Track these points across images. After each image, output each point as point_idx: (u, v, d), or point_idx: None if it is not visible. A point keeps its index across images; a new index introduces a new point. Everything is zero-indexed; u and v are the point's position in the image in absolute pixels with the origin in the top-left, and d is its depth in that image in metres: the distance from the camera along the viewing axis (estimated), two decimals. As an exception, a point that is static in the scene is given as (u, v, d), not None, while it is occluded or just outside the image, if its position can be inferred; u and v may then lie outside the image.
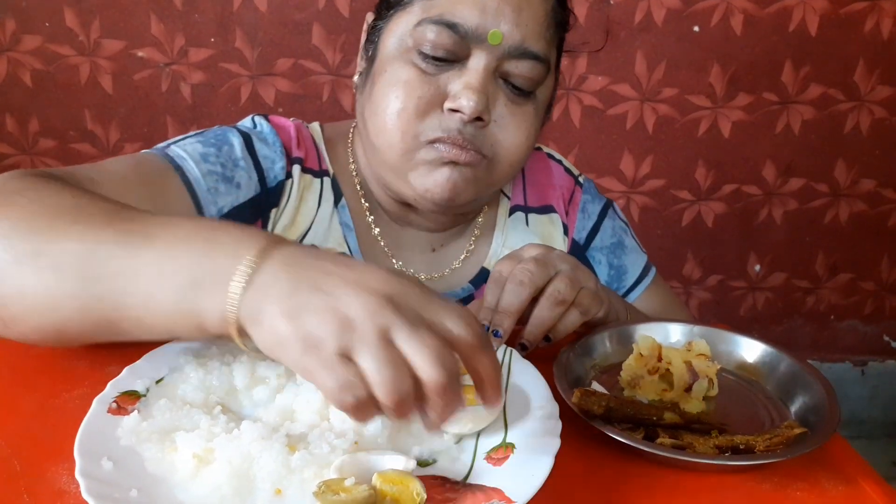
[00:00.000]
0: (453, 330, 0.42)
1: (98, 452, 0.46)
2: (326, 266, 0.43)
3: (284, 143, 0.78)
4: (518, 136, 0.71)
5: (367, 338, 0.40)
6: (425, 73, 0.68)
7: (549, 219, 0.88)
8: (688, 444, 0.53)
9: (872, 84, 1.79)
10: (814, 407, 0.59)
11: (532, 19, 0.67)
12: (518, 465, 0.48)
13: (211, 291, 0.44)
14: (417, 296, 0.43)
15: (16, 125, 1.71)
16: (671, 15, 1.70)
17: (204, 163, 0.71)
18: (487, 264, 0.85)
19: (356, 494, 0.43)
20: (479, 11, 0.66)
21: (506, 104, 0.70)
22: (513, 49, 0.67)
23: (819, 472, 0.53)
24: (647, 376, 0.62)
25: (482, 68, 0.67)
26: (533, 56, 0.68)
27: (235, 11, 1.64)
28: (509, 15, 0.66)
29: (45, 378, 0.59)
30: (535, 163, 0.90)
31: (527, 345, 0.63)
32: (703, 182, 1.88)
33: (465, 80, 0.67)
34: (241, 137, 0.75)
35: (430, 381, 0.40)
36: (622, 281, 0.90)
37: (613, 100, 1.78)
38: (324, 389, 0.41)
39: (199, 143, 0.73)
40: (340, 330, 0.40)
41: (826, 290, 2.04)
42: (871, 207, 1.94)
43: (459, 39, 0.66)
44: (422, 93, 0.67)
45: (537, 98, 0.72)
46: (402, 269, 0.82)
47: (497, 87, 0.69)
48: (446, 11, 0.66)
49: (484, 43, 0.66)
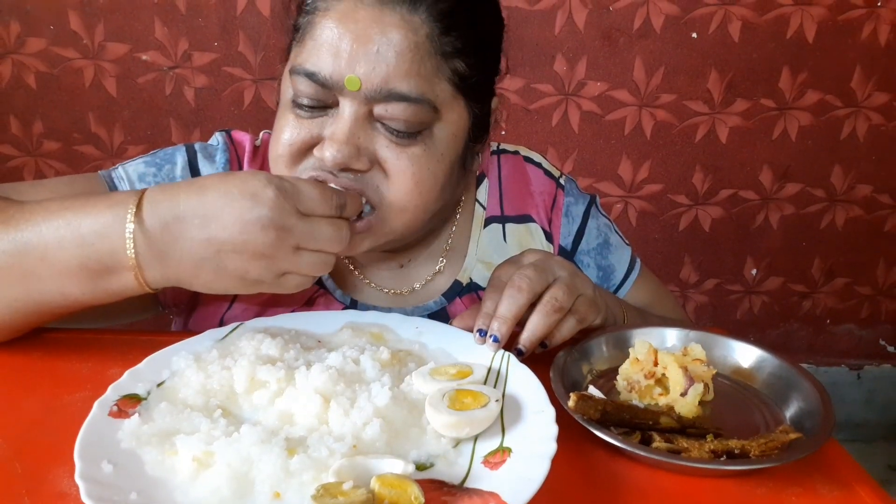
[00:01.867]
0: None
1: (98, 455, 0.46)
2: (183, 211, 0.57)
3: (238, 158, 0.79)
4: (403, 181, 0.65)
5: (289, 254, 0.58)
6: (301, 118, 0.66)
7: (526, 228, 0.85)
8: (683, 449, 0.54)
9: (869, 90, 1.80)
10: (809, 412, 0.60)
11: (395, 57, 0.62)
12: (515, 469, 0.48)
13: (113, 275, 0.58)
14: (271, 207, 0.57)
15: (20, 127, 1.72)
16: (669, 21, 1.71)
17: (139, 182, 0.76)
18: (461, 277, 0.82)
19: (354, 498, 0.43)
20: (333, 57, 0.63)
21: (388, 146, 0.65)
22: (375, 93, 0.63)
23: (814, 476, 0.54)
24: (643, 381, 0.62)
25: (348, 116, 0.64)
26: (400, 97, 0.63)
27: (239, 16, 1.65)
28: (363, 58, 0.62)
29: (47, 381, 0.60)
30: (511, 169, 0.87)
31: (523, 350, 0.64)
32: (701, 187, 1.89)
33: (332, 129, 0.65)
34: (187, 156, 0.79)
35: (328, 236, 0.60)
36: (611, 280, 0.90)
37: (612, 105, 1.79)
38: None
39: (143, 164, 0.78)
40: (262, 273, 0.58)
41: (822, 295, 2.04)
42: (867, 212, 1.94)
43: (321, 88, 0.64)
44: (294, 138, 0.66)
45: (433, 136, 0.66)
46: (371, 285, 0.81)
47: (373, 132, 0.65)
48: (306, 60, 0.65)
49: (344, 90, 0.63)
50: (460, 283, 0.83)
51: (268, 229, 0.56)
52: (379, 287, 0.81)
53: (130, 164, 0.78)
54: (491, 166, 0.87)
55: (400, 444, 0.51)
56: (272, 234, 0.56)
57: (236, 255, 0.57)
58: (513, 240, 0.85)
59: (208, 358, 0.59)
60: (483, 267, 0.83)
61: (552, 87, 1.76)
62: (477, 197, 0.85)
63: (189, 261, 0.57)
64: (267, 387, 0.55)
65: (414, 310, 0.81)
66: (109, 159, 1.75)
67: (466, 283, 0.83)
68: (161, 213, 0.57)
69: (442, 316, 0.81)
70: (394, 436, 0.52)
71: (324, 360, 0.59)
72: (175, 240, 0.57)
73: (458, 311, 0.80)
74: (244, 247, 0.57)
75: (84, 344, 0.65)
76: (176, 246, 0.57)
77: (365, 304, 0.80)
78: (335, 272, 0.80)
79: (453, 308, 0.82)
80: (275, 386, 0.55)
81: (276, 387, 0.55)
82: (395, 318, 0.70)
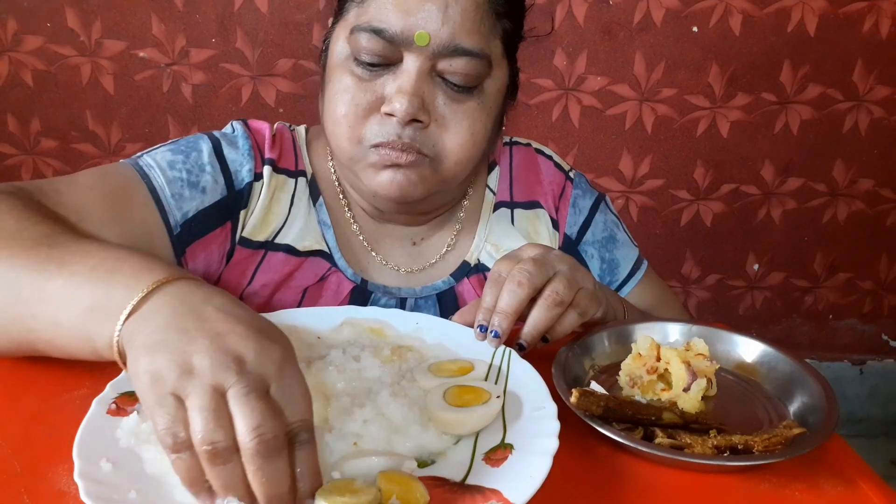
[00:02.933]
0: (287, 409, 0.42)
1: (97, 454, 0.46)
2: (206, 311, 0.45)
3: (258, 145, 0.80)
4: (461, 133, 0.71)
5: (201, 388, 0.41)
6: (362, 79, 0.69)
7: (534, 214, 0.88)
8: (686, 445, 0.53)
9: (871, 84, 1.79)
10: (812, 407, 0.59)
11: (460, 15, 0.67)
12: (516, 466, 0.48)
13: (104, 319, 0.48)
14: (271, 364, 0.43)
15: (17, 125, 1.71)
16: (670, 15, 1.70)
17: (170, 170, 0.74)
18: (469, 258, 0.85)
19: (362, 496, 0.43)
20: (403, 14, 0.66)
21: (446, 102, 0.70)
22: (443, 48, 0.67)
23: (818, 472, 0.53)
24: (645, 376, 0.62)
25: (414, 71, 0.68)
26: (465, 52, 0.68)
27: (236, 12, 1.64)
28: (434, 14, 0.66)
29: (45, 379, 0.59)
30: (523, 159, 0.90)
31: (524, 345, 0.63)
32: (702, 182, 1.88)
33: (398, 83, 0.68)
34: (211, 143, 0.78)
35: (244, 444, 0.40)
36: (614, 274, 0.90)
37: (612, 100, 1.78)
38: (154, 424, 0.42)
39: (169, 152, 0.76)
40: (180, 374, 0.41)
41: (824, 290, 2.04)
42: (869, 207, 1.94)
43: (388, 44, 0.67)
44: (359, 100, 0.69)
45: (484, 91, 0.71)
46: (383, 263, 0.83)
47: (435, 87, 0.69)
48: (373, 18, 0.67)
49: (413, 45, 0.67)
50: (468, 264, 0.85)
51: (232, 363, 0.42)
52: (391, 265, 0.83)
53: (155, 152, 0.76)
54: (503, 156, 0.90)
55: (401, 441, 0.51)
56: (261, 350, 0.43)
57: (207, 337, 0.43)
58: (521, 224, 0.87)
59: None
60: (491, 248, 0.85)
61: (552, 81, 1.75)
62: (487, 183, 0.88)
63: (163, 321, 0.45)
64: None
65: (423, 289, 0.83)
66: (107, 157, 1.75)
67: (474, 263, 0.85)
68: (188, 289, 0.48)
69: (450, 296, 0.84)
70: (394, 433, 0.51)
71: (324, 357, 0.58)
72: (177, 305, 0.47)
73: (466, 291, 0.84)
74: (225, 332, 0.44)
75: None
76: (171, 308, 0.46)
77: (375, 284, 0.82)
78: (347, 249, 0.82)
79: (461, 288, 0.84)
80: None
81: None
82: (395, 313, 0.69)
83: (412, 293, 0.83)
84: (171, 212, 0.73)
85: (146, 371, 0.42)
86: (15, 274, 0.53)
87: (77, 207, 0.66)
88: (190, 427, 0.41)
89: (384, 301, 0.82)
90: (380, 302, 0.82)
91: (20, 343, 0.55)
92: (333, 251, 0.81)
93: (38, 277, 0.52)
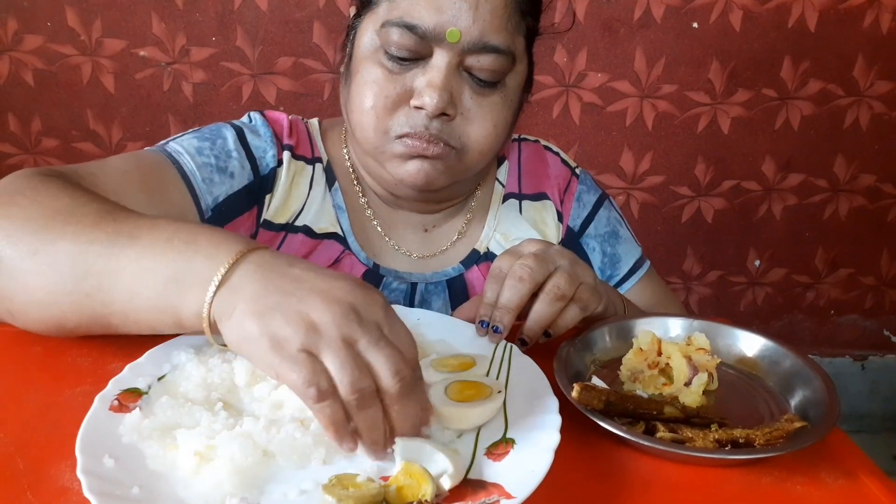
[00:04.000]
0: (405, 351, 0.46)
1: (100, 450, 0.46)
2: (296, 272, 0.48)
3: (276, 133, 0.82)
4: (485, 126, 0.73)
5: (333, 341, 0.44)
6: (392, 72, 0.71)
7: (542, 205, 0.90)
8: (687, 439, 0.53)
9: (872, 79, 1.79)
10: (814, 401, 0.59)
11: (490, 13, 0.68)
12: (518, 461, 0.48)
13: (188, 290, 0.49)
14: (379, 310, 0.47)
15: (18, 124, 1.72)
16: (670, 11, 1.70)
17: (199, 156, 0.76)
18: (479, 246, 0.87)
19: (365, 490, 0.43)
20: (435, 11, 0.68)
21: (472, 96, 0.72)
22: (472, 45, 0.69)
23: (819, 465, 0.53)
24: (646, 371, 0.62)
25: (444, 66, 0.69)
26: (493, 49, 0.70)
27: (236, 10, 1.64)
28: (466, 12, 0.68)
29: (48, 375, 0.59)
30: (531, 154, 0.92)
31: (526, 340, 0.64)
32: (703, 178, 1.88)
33: (428, 78, 0.70)
34: (234, 131, 0.80)
35: (390, 387, 0.45)
36: (616, 269, 0.91)
37: (613, 96, 1.78)
38: (289, 382, 0.44)
39: (194, 139, 0.78)
40: (306, 332, 0.44)
41: (826, 285, 2.04)
42: (870, 202, 1.94)
43: (420, 40, 0.69)
44: (388, 92, 0.71)
45: (506, 86, 0.74)
46: (395, 248, 0.85)
47: (462, 81, 0.71)
48: (405, 13, 0.69)
49: (444, 41, 0.68)
50: (478, 252, 0.87)
51: (351, 314, 0.45)
52: (403, 251, 0.85)
53: (181, 139, 0.78)
54: (512, 151, 0.92)
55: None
56: (367, 299, 0.47)
57: (314, 294, 0.46)
58: (528, 214, 0.90)
59: (209, 351, 0.58)
60: (500, 237, 0.88)
61: (552, 78, 1.75)
62: (497, 176, 0.91)
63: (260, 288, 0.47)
64: (268, 379, 0.55)
65: (433, 274, 0.85)
66: (108, 156, 1.74)
67: (484, 251, 0.87)
68: (269, 257, 0.50)
69: (459, 282, 0.86)
70: (396, 428, 0.51)
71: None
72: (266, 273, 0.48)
73: (475, 279, 0.86)
74: (328, 288, 0.46)
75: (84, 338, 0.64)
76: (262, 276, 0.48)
77: (387, 268, 0.84)
78: (361, 233, 0.84)
79: (470, 275, 0.86)
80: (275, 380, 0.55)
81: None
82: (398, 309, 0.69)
83: (423, 278, 0.85)
84: (202, 196, 0.75)
85: (262, 335, 0.44)
86: (82, 248, 0.52)
87: (115, 190, 0.67)
88: (334, 379, 0.44)
89: (395, 285, 0.84)
90: (391, 286, 0.84)
91: (93, 318, 0.54)
92: (347, 234, 0.83)
93: (109, 251, 0.52)
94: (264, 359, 0.44)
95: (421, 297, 0.85)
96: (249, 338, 0.45)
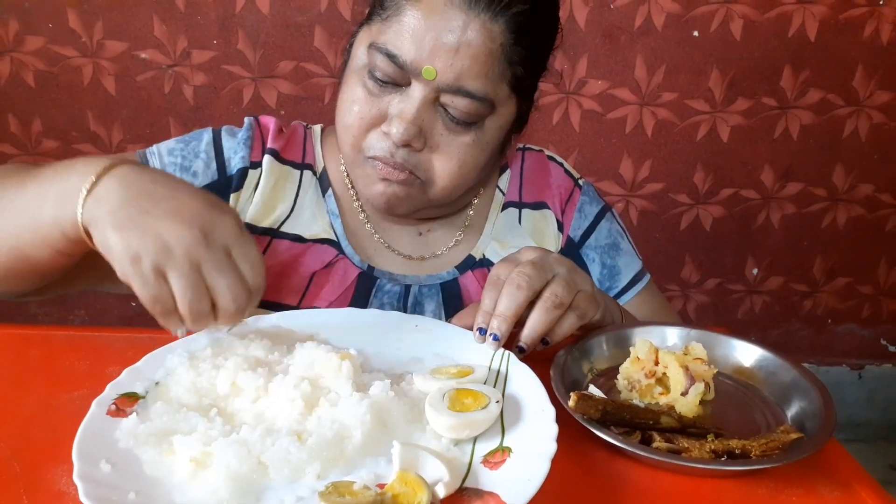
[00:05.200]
0: (244, 271, 0.54)
1: (96, 455, 0.46)
2: (157, 190, 0.55)
3: (261, 136, 0.84)
4: (450, 164, 0.74)
5: (179, 264, 0.52)
6: (372, 94, 0.73)
7: (541, 215, 0.90)
8: (684, 449, 0.53)
9: (871, 89, 1.80)
10: (810, 411, 0.59)
11: (469, 60, 0.69)
12: (515, 469, 0.48)
13: (65, 203, 0.56)
14: (228, 230, 0.54)
15: (19, 126, 1.72)
16: (671, 19, 1.71)
17: (168, 156, 0.81)
18: (475, 252, 0.87)
19: (361, 498, 0.43)
20: (416, 46, 0.69)
21: (443, 132, 0.73)
22: (447, 86, 0.70)
23: (815, 477, 0.54)
24: (643, 380, 0.62)
25: (418, 99, 0.71)
26: (468, 94, 0.70)
27: (237, 14, 1.64)
28: (445, 53, 0.68)
29: (45, 379, 0.59)
30: (534, 163, 0.93)
31: (524, 348, 0.64)
32: (702, 186, 1.88)
33: (401, 108, 0.72)
34: (212, 134, 0.84)
35: (223, 308, 0.53)
36: (615, 281, 0.91)
37: (613, 104, 1.78)
38: (140, 295, 0.52)
39: (174, 141, 0.83)
40: (158, 251, 0.52)
41: (824, 294, 2.04)
42: (868, 212, 1.94)
43: (399, 69, 0.70)
44: (365, 113, 0.73)
45: (483, 128, 0.74)
46: (389, 248, 0.85)
47: (435, 115, 0.72)
48: (390, 42, 0.70)
49: (420, 77, 0.70)
50: (473, 258, 0.87)
51: (201, 237, 0.53)
52: (397, 251, 0.86)
53: (163, 143, 0.83)
54: (515, 159, 0.93)
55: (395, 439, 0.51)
56: (217, 221, 0.54)
57: (169, 215, 0.53)
58: (527, 223, 0.89)
59: (202, 356, 0.58)
60: (497, 245, 0.88)
61: (553, 85, 1.75)
62: (498, 184, 0.91)
63: (121, 200, 0.54)
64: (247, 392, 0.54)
65: (428, 277, 0.85)
66: (109, 158, 1.75)
67: (479, 258, 0.87)
68: (133, 173, 0.57)
69: (454, 287, 0.86)
70: (393, 435, 0.51)
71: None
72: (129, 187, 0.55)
73: (470, 284, 0.86)
74: (182, 209, 0.54)
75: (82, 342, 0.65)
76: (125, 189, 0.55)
77: (381, 270, 0.84)
78: (354, 237, 0.85)
79: (465, 280, 0.86)
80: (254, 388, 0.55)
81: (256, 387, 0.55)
82: (396, 315, 0.69)
83: (417, 280, 0.85)
84: None
85: (121, 249, 0.52)
86: (3, 198, 0.62)
87: None
88: (176, 296, 0.52)
89: (389, 287, 0.84)
90: (385, 288, 0.84)
91: (15, 252, 0.62)
92: (341, 238, 0.84)
93: (19, 192, 0.61)
94: (122, 270, 0.52)
95: (414, 300, 0.84)
96: (110, 248, 0.53)
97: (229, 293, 0.53)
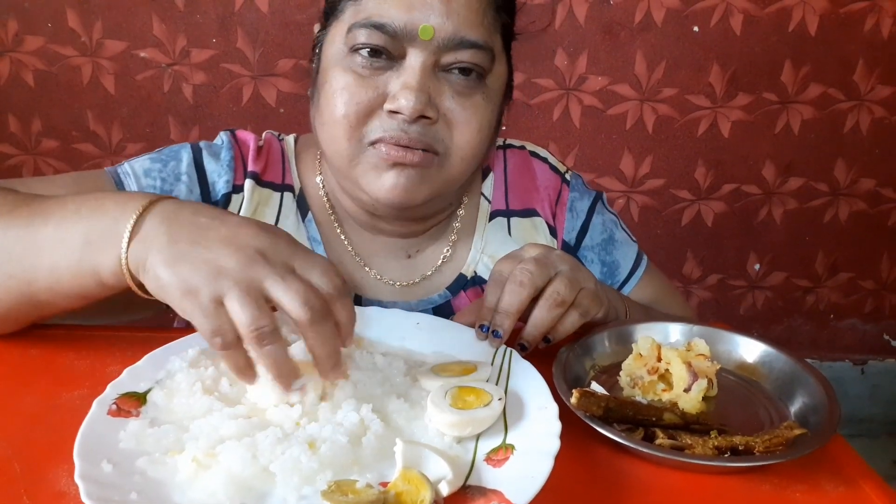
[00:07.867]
0: (314, 280, 0.49)
1: (98, 455, 0.46)
2: (202, 221, 0.51)
3: (242, 157, 0.80)
4: (470, 128, 0.69)
5: (236, 286, 0.47)
6: (363, 76, 0.67)
7: (531, 223, 0.86)
8: (687, 445, 0.53)
9: (872, 83, 1.79)
10: (813, 407, 0.59)
11: (464, 7, 0.65)
12: (518, 467, 0.48)
13: (102, 249, 0.52)
14: (285, 248, 0.50)
15: (18, 125, 1.71)
16: (671, 15, 1.70)
17: (145, 178, 0.76)
18: (466, 270, 0.83)
19: (363, 497, 0.43)
20: (405, 8, 0.64)
21: (452, 97, 0.68)
22: (447, 41, 0.65)
23: (819, 472, 0.53)
24: (646, 376, 0.62)
25: (419, 66, 0.65)
26: (471, 45, 0.66)
27: (237, 12, 1.64)
28: (437, 7, 0.64)
29: (45, 379, 0.59)
30: (517, 164, 0.88)
31: (526, 345, 0.63)
32: (703, 181, 1.88)
33: (403, 79, 0.66)
34: (192, 153, 0.79)
35: (299, 318, 0.47)
36: (615, 276, 0.89)
37: (613, 100, 1.78)
38: (200, 331, 0.48)
39: (148, 160, 0.78)
40: (213, 280, 0.47)
41: (826, 289, 2.04)
42: (870, 206, 1.94)
43: (390, 39, 0.65)
44: (360, 98, 0.67)
45: (488, 86, 0.70)
46: (377, 278, 0.81)
47: (440, 82, 0.67)
48: (373, 13, 0.65)
49: (416, 40, 0.65)
50: (465, 277, 0.83)
51: (257, 257, 0.48)
52: (386, 280, 0.81)
53: (136, 160, 0.78)
54: (497, 161, 0.87)
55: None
56: (273, 241, 0.50)
57: (221, 242, 0.49)
58: (518, 234, 0.85)
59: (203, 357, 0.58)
60: (488, 260, 0.83)
61: (553, 81, 1.75)
62: (482, 191, 0.86)
63: (168, 237, 0.50)
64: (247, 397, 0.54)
65: (419, 303, 0.81)
66: (108, 157, 1.74)
67: (471, 276, 0.83)
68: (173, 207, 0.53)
69: (446, 310, 0.82)
70: (396, 433, 0.51)
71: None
72: (173, 223, 0.51)
73: (463, 305, 0.82)
74: (233, 235, 0.50)
75: (82, 340, 0.64)
76: (170, 226, 0.51)
77: (369, 300, 0.80)
78: (339, 267, 0.80)
79: (458, 301, 0.82)
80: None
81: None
82: (397, 313, 0.69)
83: (408, 307, 0.80)
84: None
85: (175, 286, 0.48)
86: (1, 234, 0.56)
87: None
88: (235, 321, 0.46)
89: None
90: None
91: (20, 297, 0.58)
92: None
93: (26, 232, 0.56)
94: (179, 306, 0.48)
95: None
96: (164, 287, 0.48)
97: (298, 299, 0.47)
